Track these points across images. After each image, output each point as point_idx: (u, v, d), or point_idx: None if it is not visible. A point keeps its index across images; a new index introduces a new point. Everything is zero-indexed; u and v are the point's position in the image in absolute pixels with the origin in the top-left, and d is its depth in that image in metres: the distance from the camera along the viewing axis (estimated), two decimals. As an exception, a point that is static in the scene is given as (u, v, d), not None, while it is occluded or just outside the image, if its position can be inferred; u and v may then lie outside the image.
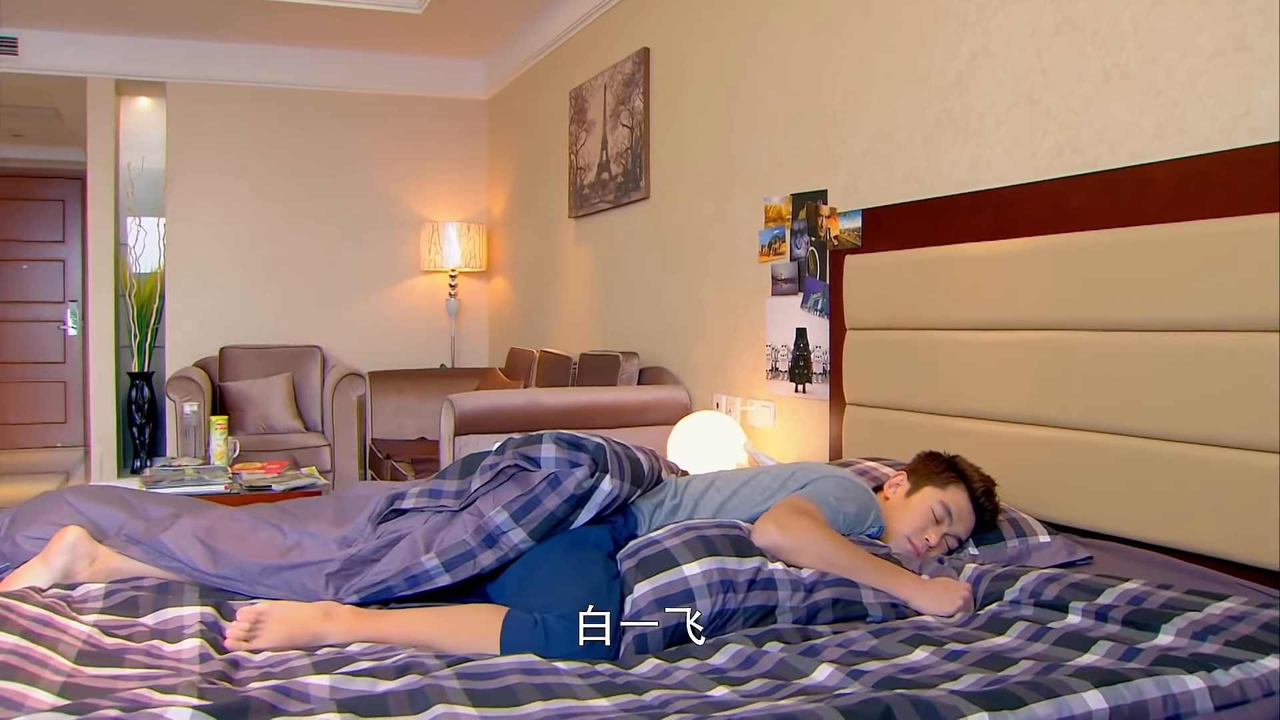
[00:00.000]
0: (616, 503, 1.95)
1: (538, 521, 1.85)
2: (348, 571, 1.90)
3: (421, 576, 1.84)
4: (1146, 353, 2.11)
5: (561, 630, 1.66)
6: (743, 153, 3.83)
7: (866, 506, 2.11)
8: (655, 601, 1.71)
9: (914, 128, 2.91)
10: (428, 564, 1.84)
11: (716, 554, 1.78)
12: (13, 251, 8.67)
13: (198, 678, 1.42)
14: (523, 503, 1.86)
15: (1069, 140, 2.40)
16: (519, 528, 1.85)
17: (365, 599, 1.85)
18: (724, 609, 1.72)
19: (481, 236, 6.80)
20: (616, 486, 1.93)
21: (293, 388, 6.28)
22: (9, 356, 8.67)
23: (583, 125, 5.32)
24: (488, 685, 1.31)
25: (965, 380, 2.59)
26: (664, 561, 1.78)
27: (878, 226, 3.00)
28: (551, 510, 1.86)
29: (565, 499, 1.86)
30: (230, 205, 6.48)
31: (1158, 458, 2.09)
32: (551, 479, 1.88)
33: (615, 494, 1.93)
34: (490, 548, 1.85)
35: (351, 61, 6.60)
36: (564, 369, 4.94)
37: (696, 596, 1.71)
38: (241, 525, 2.05)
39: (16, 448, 8.66)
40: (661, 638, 1.67)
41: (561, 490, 1.86)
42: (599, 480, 1.90)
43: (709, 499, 2.14)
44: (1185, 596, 1.61)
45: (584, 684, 1.35)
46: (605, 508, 1.93)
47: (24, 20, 5.85)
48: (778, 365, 3.60)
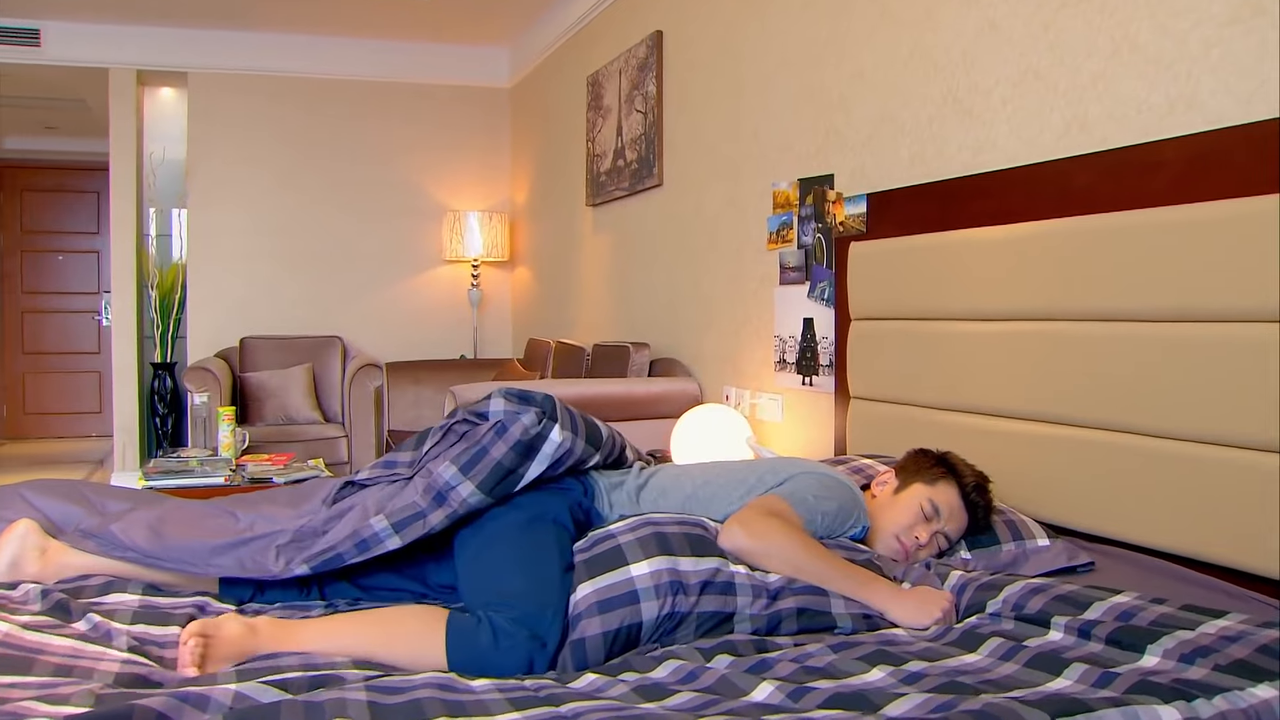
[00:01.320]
0: (570, 458, 1.89)
1: (485, 472, 1.79)
2: (298, 543, 1.84)
3: (371, 540, 1.78)
4: (1157, 345, 1.96)
5: (511, 633, 1.57)
6: (752, 137, 3.70)
7: (849, 505, 1.98)
8: (597, 604, 1.60)
9: (920, 107, 2.76)
10: (377, 525, 1.78)
11: (670, 553, 1.67)
12: (50, 243, 8.75)
13: (101, 685, 1.33)
14: (470, 454, 1.81)
15: (1076, 118, 2.24)
16: (467, 480, 1.79)
17: (316, 568, 1.79)
18: (673, 612, 1.60)
19: (504, 226, 6.71)
20: (568, 439, 1.87)
21: (313, 379, 6.24)
22: (46, 347, 8.75)
23: (599, 111, 5.21)
24: (393, 700, 1.21)
25: (969, 373, 2.45)
26: (613, 559, 1.67)
27: (882, 212, 2.86)
28: (499, 459, 1.80)
29: (512, 445, 1.81)
30: (252, 195, 6.45)
31: (1173, 459, 1.93)
32: (498, 427, 1.84)
33: (567, 447, 1.87)
34: (440, 505, 1.79)
35: (374, 50, 6.54)
36: (578, 360, 4.84)
37: (642, 599, 1.60)
38: (194, 512, 2.01)
39: (53, 436, 8.75)
40: (601, 644, 1.56)
41: (508, 437, 1.82)
42: (547, 428, 1.85)
43: (678, 486, 2.04)
44: (1178, 613, 1.47)
45: (501, 698, 1.24)
46: (558, 462, 1.87)
47: (46, 11, 5.85)
48: (785, 357, 3.46)
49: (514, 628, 1.58)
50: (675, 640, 1.59)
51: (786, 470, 2.05)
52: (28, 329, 8.72)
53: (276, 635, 1.59)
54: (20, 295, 8.71)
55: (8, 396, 8.69)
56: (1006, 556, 2.02)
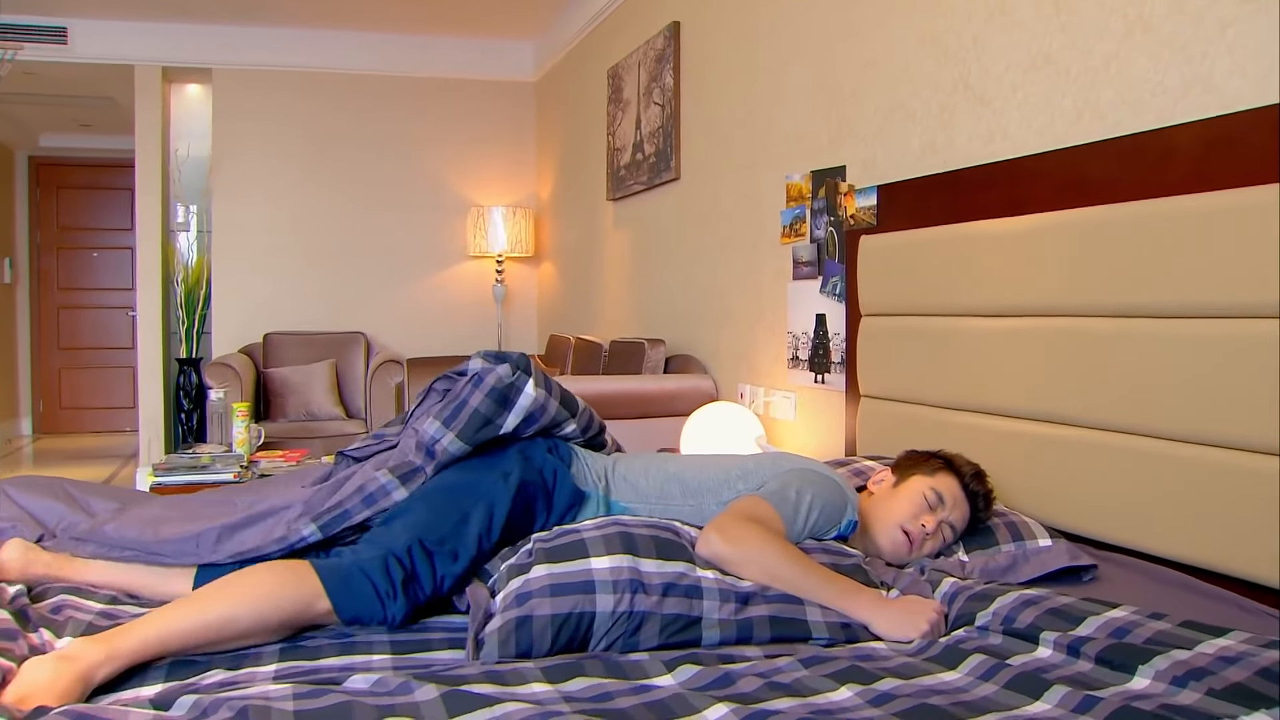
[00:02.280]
0: (544, 415, 1.94)
1: (464, 421, 1.85)
2: (308, 513, 1.83)
3: (378, 492, 1.82)
4: (1173, 343, 1.84)
5: (373, 557, 1.62)
6: (766, 128, 3.61)
7: (837, 503, 1.90)
8: (550, 586, 1.53)
9: (931, 95, 2.66)
10: (383, 479, 1.83)
11: (634, 553, 1.59)
12: (84, 240, 8.82)
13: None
14: (451, 407, 1.87)
15: (1089, 103, 2.13)
16: (449, 432, 1.84)
17: (324, 526, 1.79)
18: (632, 611, 1.52)
19: (528, 221, 6.65)
20: (541, 395, 1.93)
21: (336, 375, 6.23)
22: (82, 342, 8.83)
23: (619, 105, 5.14)
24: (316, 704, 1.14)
25: (978, 372, 2.35)
26: (574, 551, 1.60)
27: (893, 204, 2.76)
28: (476, 407, 1.86)
29: (488, 393, 1.86)
30: (276, 191, 6.45)
31: (1190, 464, 1.81)
32: (475, 378, 1.90)
33: (540, 402, 1.92)
34: (432, 459, 1.84)
35: (398, 45, 6.51)
36: (596, 356, 4.78)
37: (598, 590, 1.52)
38: (190, 506, 2.00)
39: (88, 431, 8.83)
40: (549, 628, 1.49)
41: (484, 386, 1.87)
42: (521, 380, 1.90)
43: (661, 466, 2.01)
44: (1176, 630, 1.37)
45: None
46: (531, 417, 1.92)
47: (72, 9, 5.88)
48: (798, 354, 3.37)
49: (370, 548, 1.64)
50: (638, 644, 1.52)
51: (774, 467, 1.98)
52: (63, 325, 8.81)
53: (108, 647, 1.38)
54: (56, 292, 8.80)
55: (44, 392, 8.78)
56: (1005, 558, 1.93)
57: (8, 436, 8.32)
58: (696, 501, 1.94)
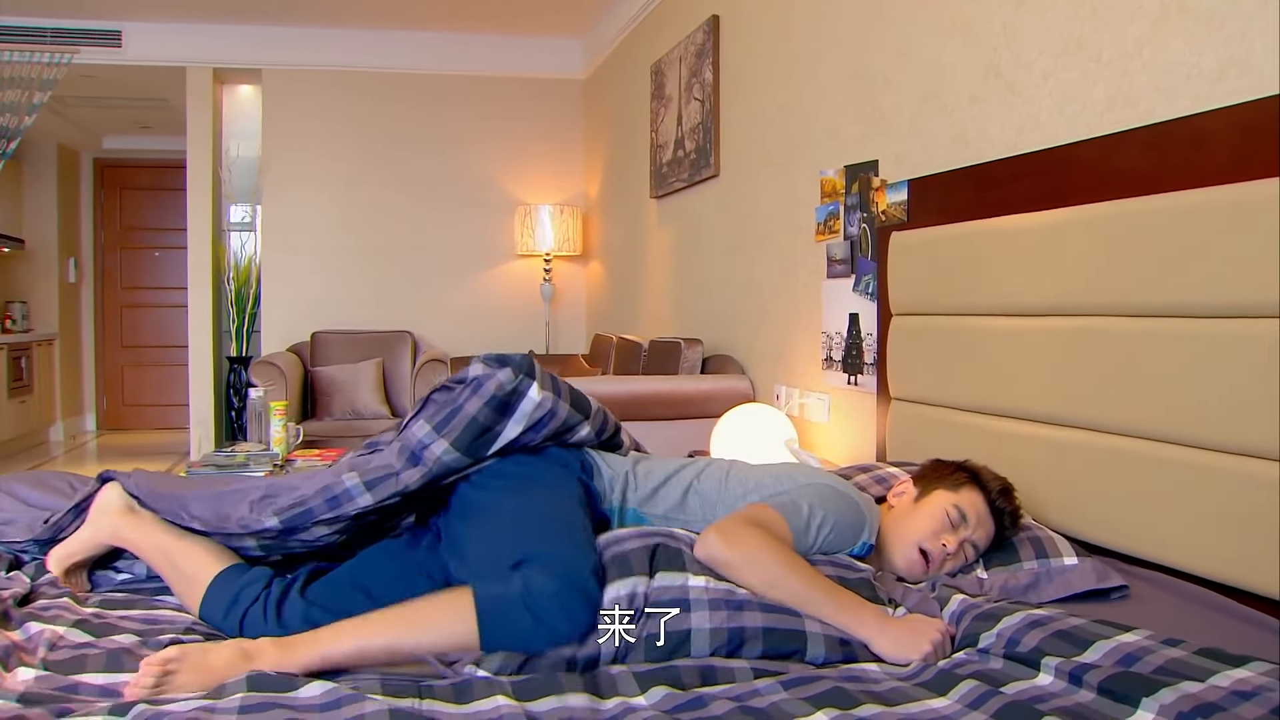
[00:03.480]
0: (553, 420, 1.79)
1: (460, 429, 1.72)
2: (271, 496, 1.76)
3: (342, 495, 1.71)
4: (1210, 345, 1.72)
5: (549, 588, 1.44)
6: (802, 123, 3.50)
7: (852, 523, 1.80)
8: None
9: (962, 85, 2.54)
10: (348, 482, 1.71)
11: (627, 575, 1.52)
12: (146, 239, 8.97)
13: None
14: (445, 413, 1.74)
15: (1121, 90, 2.00)
16: (441, 439, 1.72)
17: (285, 521, 1.71)
18: (625, 640, 1.46)
19: (576, 220, 6.60)
20: (548, 400, 1.77)
21: (382, 374, 6.24)
22: (144, 340, 8.98)
23: (662, 101, 5.06)
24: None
25: (1008, 375, 2.23)
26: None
27: (924, 199, 2.65)
28: (473, 415, 1.72)
29: (486, 401, 1.72)
30: (324, 190, 6.49)
31: (1229, 476, 1.69)
32: (474, 383, 1.75)
33: (548, 407, 1.77)
34: (415, 465, 1.72)
35: (446, 44, 6.51)
36: (636, 356, 4.71)
37: (601, 636, 1.46)
38: (186, 483, 1.95)
39: (149, 427, 8.98)
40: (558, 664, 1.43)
41: (483, 392, 1.73)
42: (524, 385, 1.75)
43: (680, 477, 1.91)
44: (1191, 658, 1.25)
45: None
46: (540, 423, 1.77)
47: (126, 13, 5.98)
48: (832, 354, 3.26)
49: (551, 580, 1.45)
50: (628, 660, 1.45)
51: (791, 480, 1.88)
52: (126, 323, 8.98)
53: (279, 657, 1.42)
54: (120, 290, 8.97)
55: (108, 388, 8.96)
56: (1027, 576, 1.82)
57: (73, 432, 8.50)
58: (714, 516, 1.83)
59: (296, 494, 1.72)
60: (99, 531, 1.83)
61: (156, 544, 1.78)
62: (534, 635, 1.42)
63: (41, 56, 5.83)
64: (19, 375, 7.48)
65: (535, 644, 1.42)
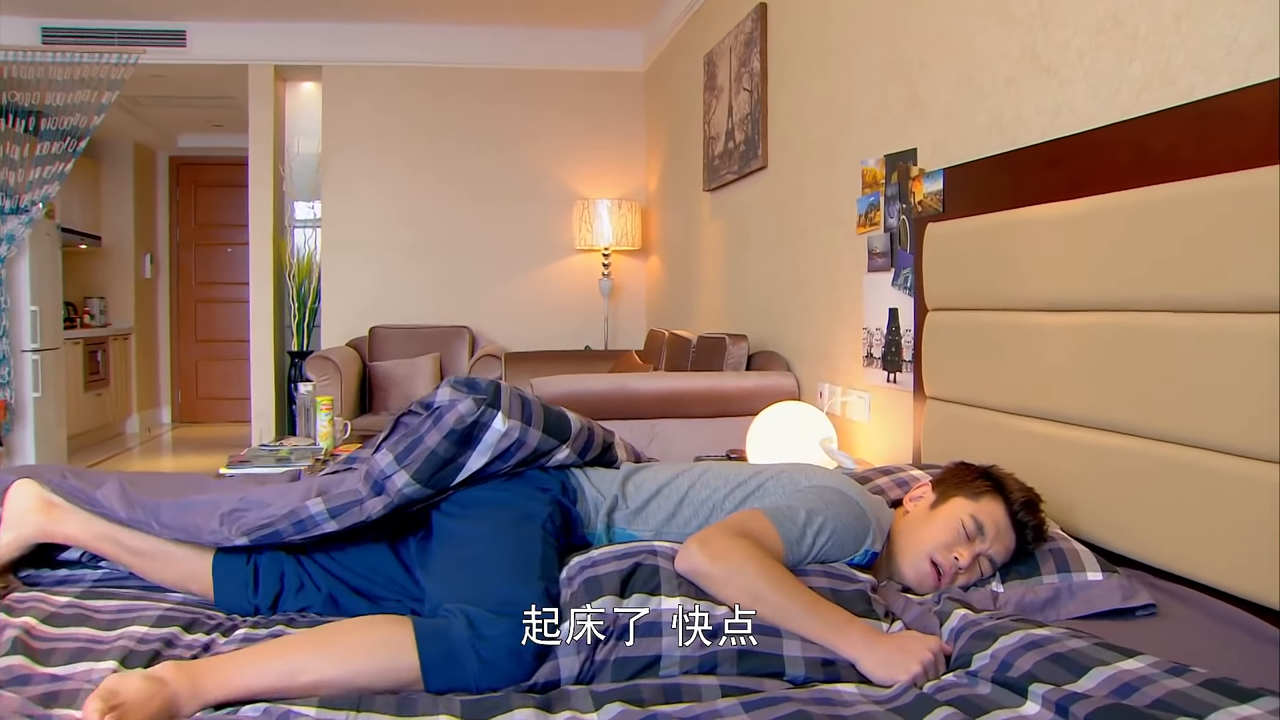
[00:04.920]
0: (522, 449, 1.70)
1: (420, 461, 1.65)
2: (243, 511, 1.73)
3: (308, 522, 1.67)
4: (1253, 344, 1.58)
5: (494, 622, 1.40)
6: (844, 111, 3.38)
7: (853, 530, 1.69)
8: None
9: (998, 67, 2.40)
10: (313, 509, 1.67)
11: (596, 596, 1.45)
12: (220, 235, 9.15)
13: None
14: (407, 443, 1.67)
15: (1157, 68, 1.86)
16: (402, 470, 1.65)
17: (254, 540, 1.68)
18: (592, 660, 1.39)
19: (635, 214, 6.52)
20: (515, 429, 1.68)
21: (440, 369, 6.25)
22: (217, 335, 9.16)
23: (714, 92, 4.96)
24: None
25: (1042, 374, 2.10)
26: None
27: (959, 188, 2.52)
28: (433, 448, 1.65)
29: (445, 434, 1.65)
30: (383, 185, 6.52)
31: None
32: (435, 414, 1.67)
33: (514, 436, 1.68)
34: (379, 495, 1.67)
35: (505, 37, 6.48)
36: (686, 352, 4.62)
37: (562, 655, 1.40)
38: (167, 482, 1.92)
39: (222, 420, 9.16)
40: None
41: (442, 425, 1.65)
42: (487, 416, 1.66)
43: (675, 488, 1.80)
44: (1193, 690, 1.13)
45: None
46: (507, 453, 1.69)
47: (191, 13, 6.07)
48: (873, 351, 3.14)
49: (495, 616, 1.41)
50: (594, 681, 1.37)
51: (792, 482, 1.79)
52: (200, 318, 9.16)
53: (193, 682, 1.35)
54: (194, 286, 9.17)
55: (183, 382, 9.16)
56: (1046, 591, 1.70)
57: (148, 425, 8.71)
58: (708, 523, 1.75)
59: (266, 514, 1.68)
60: (22, 533, 1.81)
61: (94, 532, 1.77)
62: (481, 676, 1.37)
63: (109, 57, 5.95)
64: (95, 369, 7.68)
65: (482, 684, 1.36)
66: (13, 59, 5.90)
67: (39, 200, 6.03)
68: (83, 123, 6.02)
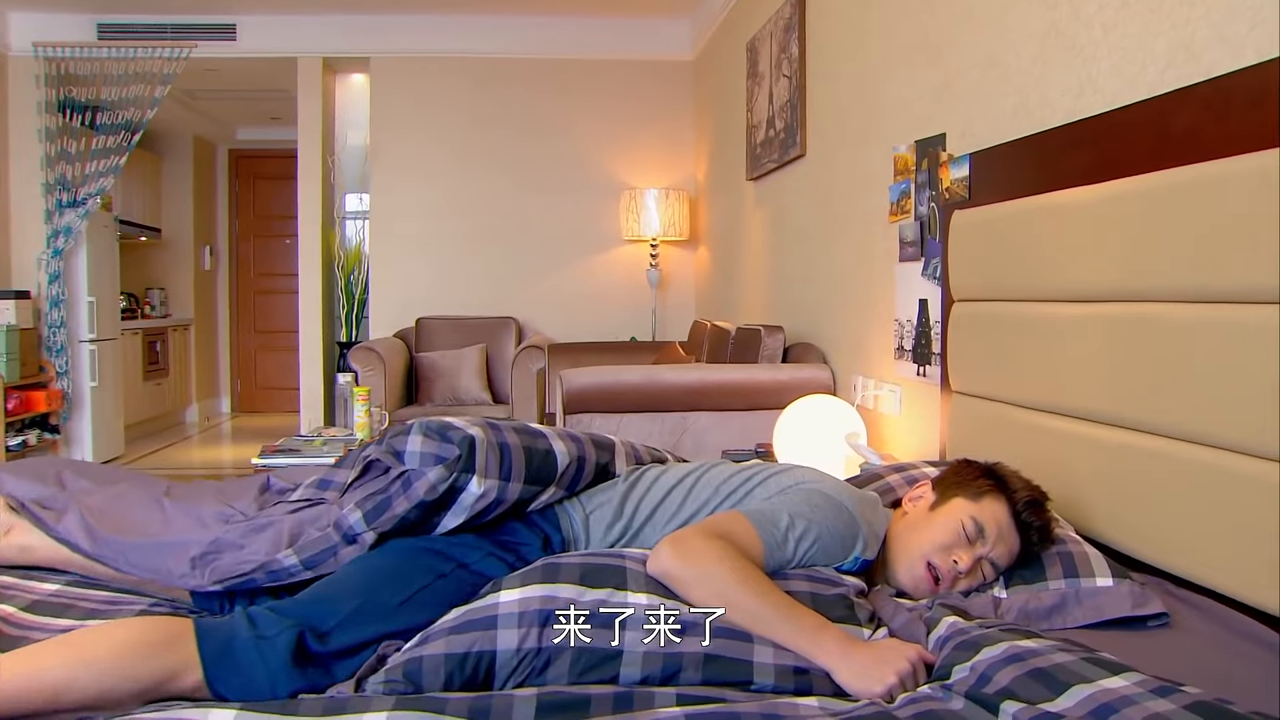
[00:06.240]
0: (501, 505, 1.61)
1: (390, 525, 1.57)
2: (216, 554, 1.68)
3: (282, 573, 1.62)
4: (1262, 337, 1.47)
5: (272, 620, 1.38)
6: (877, 96, 3.28)
7: (841, 535, 1.61)
8: (452, 626, 1.37)
9: (1023, 46, 2.29)
10: (286, 561, 1.61)
11: (553, 581, 1.39)
12: (278, 227, 9.26)
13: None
14: (375, 503, 1.59)
15: (1181, 42, 1.75)
16: (370, 531, 1.58)
17: (229, 587, 1.63)
18: (540, 647, 1.32)
19: (683, 204, 6.44)
20: (492, 489, 1.58)
21: (485, 359, 6.25)
22: (275, 325, 9.28)
23: (755, 79, 4.86)
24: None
25: (1062, 367, 2.00)
26: (492, 588, 1.44)
27: (985, 173, 2.41)
28: (401, 515, 1.56)
29: (415, 504, 1.56)
30: (430, 176, 6.52)
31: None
32: (404, 479, 1.58)
33: (492, 497, 1.58)
34: (351, 545, 1.60)
35: (552, 27, 6.44)
36: (725, 343, 4.55)
37: (500, 625, 1.34)
38: (127, 502, 1.90)
39: (280, 410, 9.28)
40: (440, 667, 1.30)
41: (411, 494, 1.56)
42: (461, 481, 1.56)
43: (670, 498, 1.72)
44: (1179, 714, 1.04)
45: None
46: (487, 510, 1.59)
47: (241, 7, 6.13)
48: (904, 343, 3.04)
49: (276, 615, 1.39)
50: (546, 681, 1.32)
51: (780, 482, 1.71)
52: (259, 308, 9.30)
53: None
54: (252, 277, 9.30)
55: (241, 372, 9.31)
56: (1052, 597, 1.60)
57: (207, 414, 8.87)
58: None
59: (239, 559, 1.63)
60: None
61: (57, 552, 1.76)
62: (245, 659, 1.33)
63: (162, 51, 6.04)
64: (154, 359, 7.83)
65: (260, 683, 1.31)
66: (69, 55, 6.02)
67: (95, 193, 6.15)
68: (137, 116, 6.13)
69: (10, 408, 5.74)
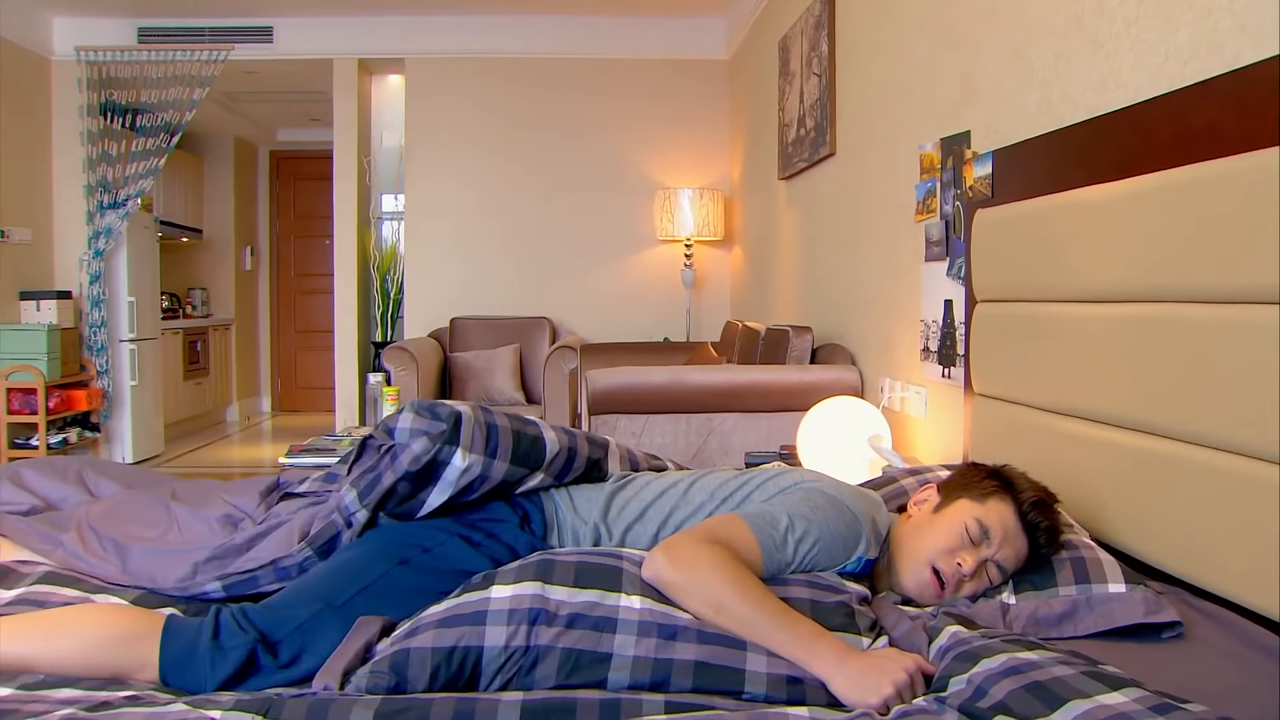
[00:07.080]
0: (485, 483, 1.63)
1: (378, 499, 1.61)
2: (219, 559, 1.70)
3: (293, 568, 1.64)
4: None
5: (234, 630, 1.41)
6: (904, 94, 3.23)
7: (843, 537, 1.58)
8: (439, 619, 1.36)
9: (1047, 41, 2.24)
10: (299, 555, 1.64)
11: (546, 580, 1.37)
12: (318, 228, 9.34)
13: None
14: (367, 480, 1.62)
15: (1204, 34, 1.69)
16: (363, 509, 1.61)
17: (229, 588, 1.65)
18: (528, 646, 1.31)
19: (718, 204, 6.40)
20: (476, 464, 1.60)
21: (519, 359, 6.25)
22: (315, 325, 9.37)
23: (787, 77, 4.82)
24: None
25: (1083, 370, 1.94)
26: (483, 583, 1.42)
27: (1007, 171, 2.36)
28: (388, 487, 1.59)
29: (401, 476, 1.59)
30: (465, 177, 6.54)
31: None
32: (392, 452, 1.60)
33: (476, 472, 1.61)
34: (350, 528, 1.64)
35: (586, 27, 6.44)
36: (755, 344, 4.51)
37: (488, 621, 1.33)
38: (132, 508, 1.89)
39: (319, 410, 9.36)
40: (426, 661, 1.29)
41: (397, 466, 1.59)
42: (446, 454, 1.58)
43: (664, 500, 1.70)
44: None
45: None
46: (469, 488, 1.62)
47: (277, 9, 6.19)
48: (929, 344, 2.99)
49: (240, 624, 1.42)
50: (534, 682, 1.30)
51: (778, 484, 1.68)
52: (299, 309, 9.38)
53: None
54: (293, 277, 9.39)
55: (281, 371, 9.40)
56: (1062, 604, 1.55)
57: (248, 414, 8.97)
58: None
59: (245, 561, 1.65)
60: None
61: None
62: (198, 659, 1.36)
63: (200, 54, 6.11)
64: (195, 358, 7.92)
65: (198, 671, 1.35)
66: (111, 58, 6.11)
67: (135, 194, 6.24)
68: (175, 118, 6.20)
69: (52, 406, 5.84)
